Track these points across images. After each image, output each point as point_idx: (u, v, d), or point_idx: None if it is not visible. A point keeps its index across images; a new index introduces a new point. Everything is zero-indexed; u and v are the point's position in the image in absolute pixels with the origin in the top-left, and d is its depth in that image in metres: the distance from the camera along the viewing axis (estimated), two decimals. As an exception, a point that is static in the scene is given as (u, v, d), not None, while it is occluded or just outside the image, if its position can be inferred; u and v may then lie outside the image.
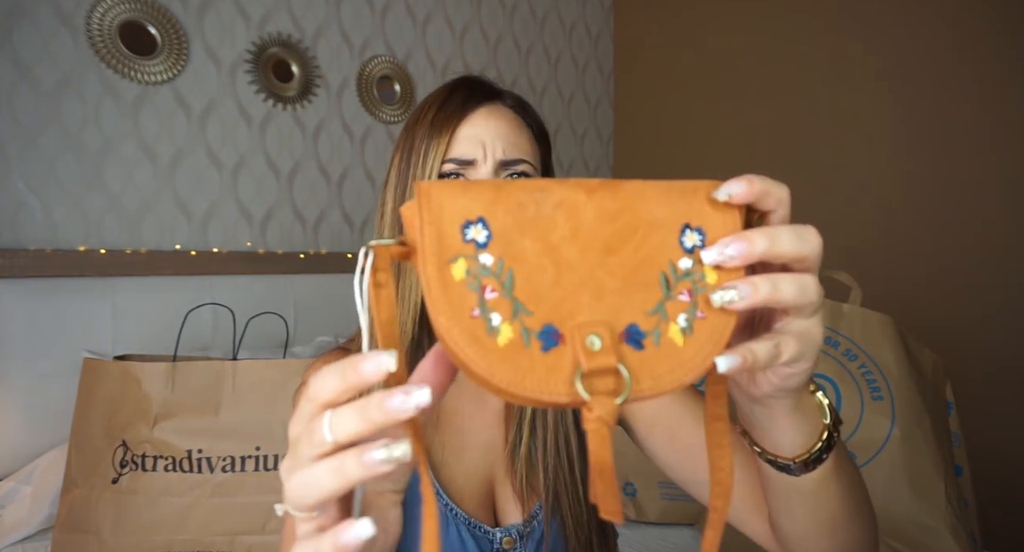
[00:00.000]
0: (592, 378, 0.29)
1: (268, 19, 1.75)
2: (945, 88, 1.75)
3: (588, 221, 0.31)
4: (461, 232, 0.30)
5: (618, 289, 0.31)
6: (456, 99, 0.59)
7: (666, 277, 0.32)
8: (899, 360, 1.21)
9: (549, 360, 0.29)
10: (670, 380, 0.30)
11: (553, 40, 2.44)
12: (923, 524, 1.10)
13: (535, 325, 0.30)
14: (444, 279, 0.30)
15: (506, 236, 0.31)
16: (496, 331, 0.29)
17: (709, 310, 0.31)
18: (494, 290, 0.30)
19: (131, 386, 1.15)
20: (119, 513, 1.11)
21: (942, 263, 1.76)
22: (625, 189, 0.32)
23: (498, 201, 0.31)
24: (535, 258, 0.31)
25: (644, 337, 0.31)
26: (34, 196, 1.40)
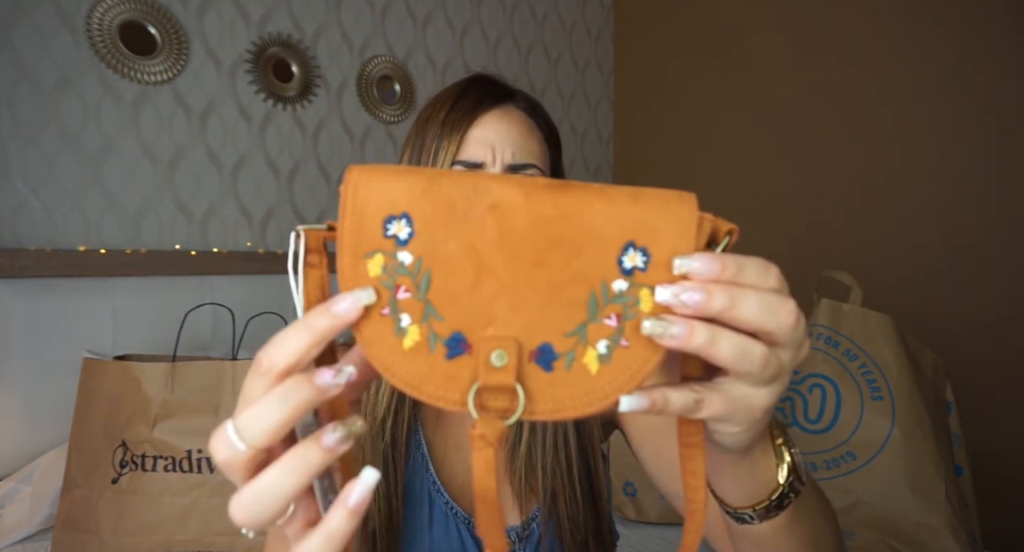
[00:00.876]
0: (486, 394, 0.28)
1: (268, 19, 1.74)
2: (948, 88, 1.75)
3: (520, 227, 0.29)
4: (383, 226, 0.29)
5: (540, 304, 0.29)
6: (469, 99, 0.59)
7: (595, 297, 0.29)
8: (899, 360, 1.21)
9: (451, 368, 0.29)
10: (572, 407, 0.29)
11: (553, 40, 2.44)
12: (923, 524, 1.10)
13: (444, 331, 0.29)
14: (358, 273, 0.29)
15: (429, 235, 0.29)
16: (404, 332, 0.29)
17: (635, 339, 0.29)
18: (408, 290, 0.29)
19: (131, 386, 1.15)
20: (119, 513, 1.11)
21: (943, 263, 1.76)
22: (571, 195, 0.29)
23: (428, 196, 0.29)
24: (456, 262, 0.29)
25: (556, 359, 0.29)
26: (34, 196, 1.40)
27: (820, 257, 1.92)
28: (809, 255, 2.01)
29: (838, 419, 1.20)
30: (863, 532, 1.13)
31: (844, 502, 1.15)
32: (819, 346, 1.26)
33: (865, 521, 1.13)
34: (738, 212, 2.23)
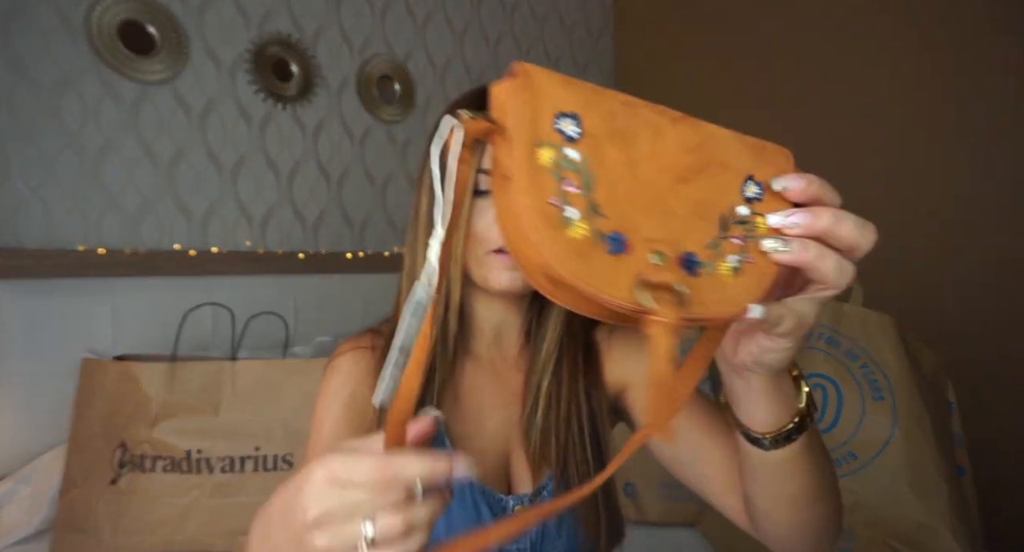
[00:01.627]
0: (653, 290, 0.31)
1: (268, 19, 1.74)
2: (951, 87, 1.75)
3: (669, 146, 0.34)
4: (554, 120, 0.31)
5: (683, 216, 0.33)
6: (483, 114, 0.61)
7: (724, 218, 0.34)
8: (900, 360, 1.21)
9: (614, 263, 0.31)
10: (717, 310, 0.32)
11: (553, 40, 2.43)
12: (924, 524, 1.10)
13: (606, 228, 0.31)
14: (531, 161, 0.30)
15: (595, 138, 0.31)
16: (569, 223, 0.30)
17: (757, 256, 0.34)
18: (575, 186, 0.31)
19: (130, 386, 1.15)
20: (118, 513, 1.10)
21: (943, 263, 1.76)
22: (705, 128, 0.35)
23: (593, 104, 0.32)
24: (617, 167, 0.32)
25: (700, 267, 0.33)
26: (34, 196, 1.40)
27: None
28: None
29: (839, 419, 1.20)
30: (864, 532, 1.13)
31: (845, 502, 1.14)
32: (820, 346, 1.26)
33: (866, 521, 1.13)
34: (738, 212, 2.23)
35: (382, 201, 1.98)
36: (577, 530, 0.66)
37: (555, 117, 0.31)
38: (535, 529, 0.64)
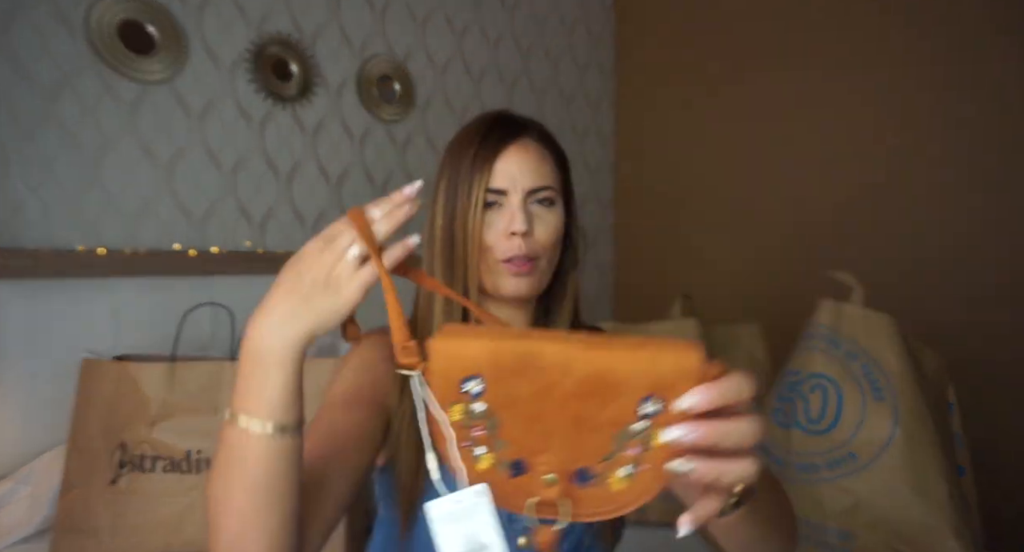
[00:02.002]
0: (543, 506, 0.40)
1: (267, 18, 1.74)
2: (949, 89, 1.75)
3: (568, 383, 0.38)
4: (460, 385, 0.40)
5: (580, 439, 0.39)
6: (492, 138, 0.72)
7: (621, 434, 0.39)
8: (901, 360, 1.21)
9: (514, 484, 0.40)
10: (605, 512, 0.40)
11: (553, 40, 2.43)
12: (925, 524, 1.10)
13: (509, 457, 0.40)
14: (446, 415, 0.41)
15: (497, 388, 0.39)
16: (478, 458, 0.41)
17: (650, 466, 0.39)
18: (481, 428, 0.40)
19: (130, 386, 1.15)
20: (118, 514, 1.10)
21: (944, 263, 1.76)
22: (602, 353, 0.38)
23: (494, 359, 0.39)
24: (519, 404, 0.39)
25: (591, 479, 0.40)
26: (32, 196, 1.40)
27: (821, 257, 1.91)
28: (810, 256, 2.01)
29: (840, 420, 1.19)
30: (865, 533, 1.13)
31: (846, 503, 1.14)
32: (820, 347, 1.26)
33: (867, 522, 1.13)
34: (739, 212, 2.23)
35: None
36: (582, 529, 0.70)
37: (461, 382, 0.40)
38: None
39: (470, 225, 0.69)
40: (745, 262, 2.20)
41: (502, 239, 0.70)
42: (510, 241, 0.69)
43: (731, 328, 1.74)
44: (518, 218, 0.69)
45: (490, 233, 0.70)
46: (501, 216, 0.71)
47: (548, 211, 0.73)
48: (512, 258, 0.69)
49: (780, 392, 1.30)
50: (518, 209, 0.70)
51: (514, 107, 2.09)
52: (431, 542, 0.66)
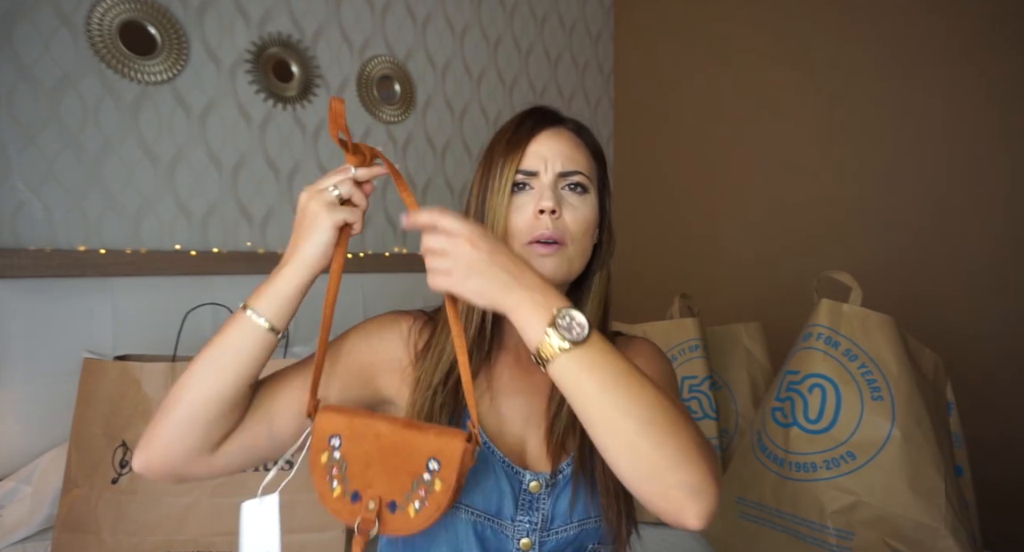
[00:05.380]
0: (363, 522, 0.60)
1: (268, 19, 1.75)
2: (948, 90, 1.75)
3: (385, 445, 0.61)
4: (329, 442, 0.62)
5: (391, 480, 0.60)
6: (527, 124, 0.74)
7: (416, 480, 0.60)
8: (899, 360, 1.21)
9: (353, 507, 0.61)
10: (405, 529, 0.60)
11: (553, 40, 2.44)
12: (923, 524, 1.10)
13: (350, 489, 0.61)
14: (317, 461, 0.63)
15: (348, 444, 0.62)
16: (333, 489, 0.62)
17: (431, 501, 0.59)
18: (337, 469, 0.62)
19: (131, 386, 1.15)
20: (119, 513, 1.11)
21: (943, 263, 1.76)
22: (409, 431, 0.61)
23: (350, 428, 0.62)
24: (359, 455, 0.61)
25: (397, 508, 0.60)
26: (34, 196, 1.40)
27: (820, 258, 1.92)
28: (809, 256, 2.01)
29: (838, 419, 1.20)
30: (863, 532, 1.13)
31: (844, 502, 1.15)
32: (819, 346, 1.26)
33: (865, 521, 1.13)
34: (739, 212, 2.23)
35: (382, 201, 1.98)
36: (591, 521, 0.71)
37: (329, 438, 0.63)
38: (548, 507, 0.70)
39: (498, 206, 0.70)
40: (745, 262, 2.20)
41: (530, 219, 0.69)
42: (538, 221, 0.69)
43: (731, 328, 1.74)
44: (546, 195, 0.69)
45: (518, 215, 0.70)
46: (531, 198, 0.70)
47: (580, 198, 0.72)
48: (539, 237, 0.68)
49: (779, 392, 1.31)
50: (547, 188, 0.70)
51: (514, 107, 2.11)
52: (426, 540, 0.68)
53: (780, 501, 1.22)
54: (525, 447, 0.73)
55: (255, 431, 0.66)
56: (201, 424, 0.61)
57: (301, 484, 1.15)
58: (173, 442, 0.61)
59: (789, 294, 1.86)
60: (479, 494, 0.68)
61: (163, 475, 0.63)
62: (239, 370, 0.62)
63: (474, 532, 0.67)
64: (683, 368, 1.60)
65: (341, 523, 1.15)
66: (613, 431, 0.56)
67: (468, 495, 0.67)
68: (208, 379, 0.61)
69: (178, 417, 0.61)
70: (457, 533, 0.67)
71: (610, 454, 0.56)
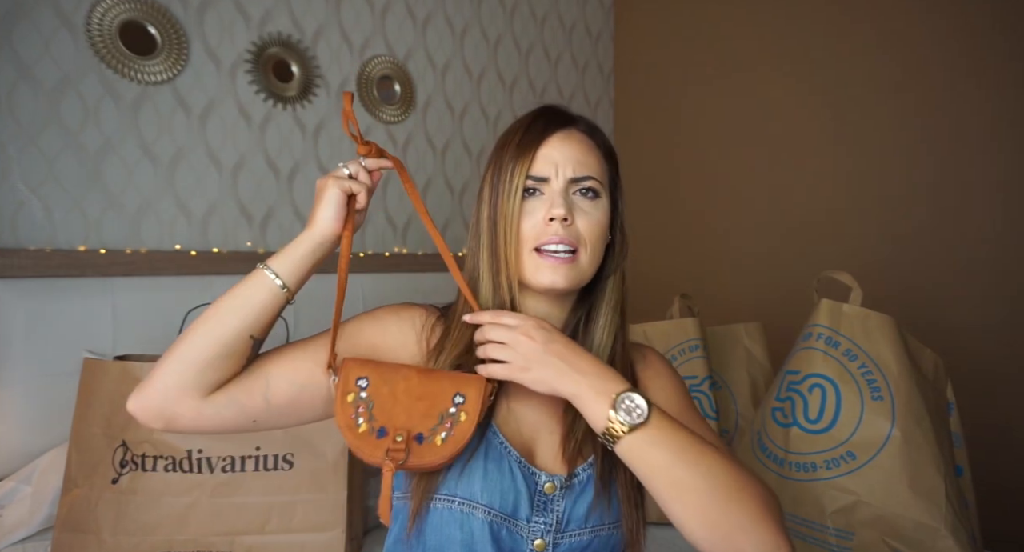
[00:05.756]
0: (392, 452, 0.64)
1: (268, 19, 1.75)
2: (947, 90, 1.75)
3: (413, 385, 0.67)
4: (356, 383, 0.67)
5: (419, 416, 0.66)
6: (538, 126, 0.73)
7: (442, 414, 0.66)
8: (899, 360, 1.21)
9: (377, 442, 0.65)
10: (431, 461, 0.65)
11: (553, 40, 2.44)
12: (923, 524, 1.10)
13: (376, 425, 0.66)
14: (343, 400, 0.67)
15: (375, 386, 0.67)
16: (359, 425, 0.66)
17: (457, 431, 0.66)
18: (363, 407, 0.67)
19: (131, 386, 1.14)
20: (119, 513, 1.11)
21: (943, 263, 1.76)
22: (434, 375, 0.69)
23: (376, 372, 0.68)
24: (386, 396, 0.67)
25: (424, 439, 0.65)
26: (34, 196, 1.40)
27: (820, 258, 1.92)
28: (809, 255, 2.01)
29: (838, 419, 1.20)
30: (863, 532, 1.13)
31: (844, 502, 1.15)
32: (819, 346, 1.26)
33: (865, 521, 1.13)
34: (739, 212, 2.23)
35: (382, 201, 1.98)
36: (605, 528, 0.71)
37: (356, 380, 0.67)
38: (563, 510, 0.70)
39: (509, 212, 0.69)
40: (745, 262, 2.20)
41: (541, 225, 0.69)
42: (548, 227, 0.69)
43: (731, 328, 1.74)
44: (557, 202, 0.69)
45: (529, 221, 0.70)
46: (542, 204, 0.70)
47: (591, 203, 0.71)
48: (550, 244, 0.69)
49: (779, 392, 1.31)
50: (558, 194, 0.69)
51: (514, 107, 2.11)
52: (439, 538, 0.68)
53: (780, 501, 1.22)
54: (542, 450, 0.73)
55: (251, 388, 0.68)
56: (199, 362, 0.65)
57: (301, 484, 1.16)
58: (171, 375, 0.65)
59: (789, 294, 1.86)
60: (496, 494, 0.68)
61: (154, 413, 0.66)
62: (245, 316, 0.66)
63: (490, 532, 0.67)
64: (683, 368, 1.60)
65: (341, 522, 1.15)
66: (682, 502, 0.60)
67: (485, 495, 0.68)
68: (213, 320, 0.66)
69: (177, 353, 0.65)
70: (473, 533, 0.67)
71: (682, 522, 0.61)
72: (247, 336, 0.66)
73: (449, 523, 0.67)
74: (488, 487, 0.68)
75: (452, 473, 0.68)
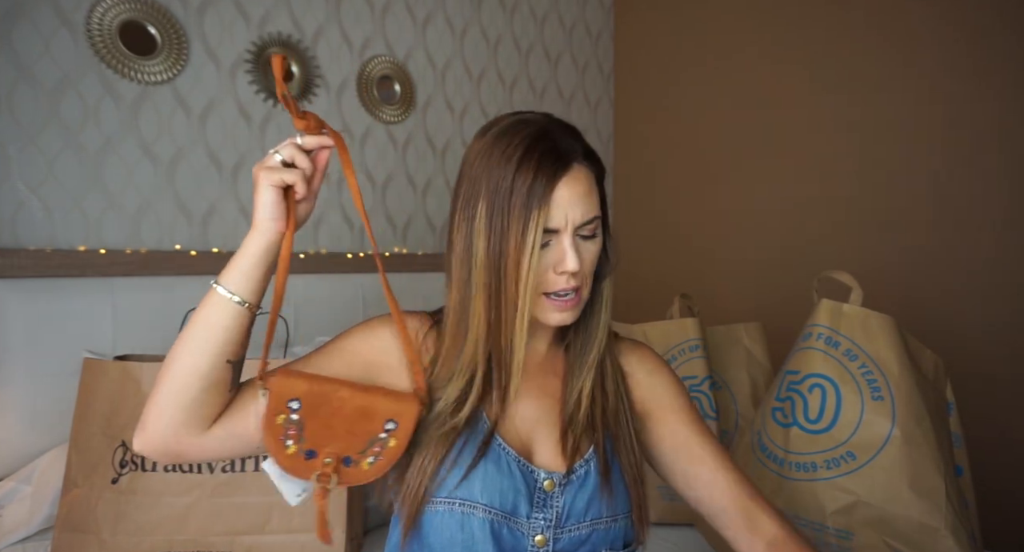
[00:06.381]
0: (321, 476, 0.65)
1: (268, 19, 1.75)
2: (947, 90, 1.75)
3: (346, 407, 0.67)
4: (287, 405, 0.66)
5: (350, 438, 0.66)
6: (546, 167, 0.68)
7: (372, 439, 0.67)
8: (900, 360, 1.21)
9: (308, 463, 0.66)
10: (358, 480, 0.67)
11: (553, 40, 2.44)
12: (923, 524, 1.10)
13: (305, 448, 0.66)
14: (272, 421, 0.66)
15: (307, 408, 0.66)
16: (287, 447, 0.66)
17: (385, 455, 0.67)
18: (293, 429, 0.66)
19: (131, 386, 1.15)
20: (119, 513, 1.11)
21: (943, 263, 1.76)
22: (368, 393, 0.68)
23: (310, 392, 0.66)
24: (317, 419, 0.66)
25: (352, 463, 0.67)
26: (34, 196, 1.40)
27: (820, 258, 1.92)
28: (809, 256, 2.01)
29: (838, 419, 1.20)
30: (863, 532, 1.13)
31: (844, 502, 1.15)
32: (819, 346, 1.26)
33: (865, 521, 1.13)
34: (739, 212, 2.23)
35: (382, 201, 1.98)
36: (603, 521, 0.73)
37: (288, 401, 0.66)
38: (562, 505, 0.71)
39: (525, 265, 0.67)
40: (744, 262, 2.20)
41: (549, 274, 0.70)
42: (559, 277, 0.69)
43: (731, 328, 1.74)
44: (570, 258, 0.68)
45: (539, 269, 0.69)
46: (550, 253, 0.69)
47: (592, 241, 0.72)
48: (559, 291, 0.70)
49: (779, 392, 1.31)
50: (569, 248, 0.68)
51: (513, 107, 2.11)
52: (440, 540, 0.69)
53: (780, 501, 1.21)
54: (540, 448, 0.75)
55: (245, 419, 0.68)
56: (185, 401, 0.64)
57: (301, 484, 1.15)
58: (162, 418, 0.64)
59: (789, 294, 1.86)
60: (496, 494, 0.69)
61: (160, 453, 0.66)
62: (214, 344, 0.64)
63: (490, 531, 0.68)
64: (683, 368, 1.60)
65: (341, 522, 1.15)
66: None
67: (485, 495, 0.69)
68: (187, 356, 0.64)
69: (163, 394, 0.64)
70: (473, 533, 0.68)
71: None
72: (223, 363, 0.65)
73: (449, 525, 0.68)
74: (488, 487, 0.69)
75: (452, 478, 0.69)
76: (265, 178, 0.64)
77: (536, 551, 0.70)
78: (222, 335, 0.64)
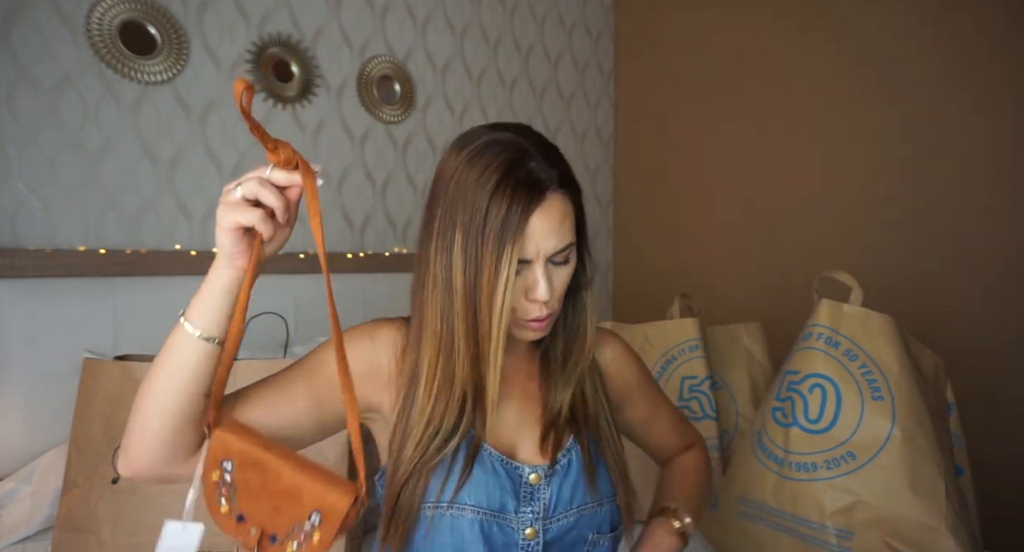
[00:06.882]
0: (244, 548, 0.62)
1: (268, 19, 1.75)
2: (947, 90, 1.75)
3: (279, 482, 0.61)
4: (221, 464, 0.62)
5: (277, 516, 0.61)
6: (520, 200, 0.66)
7: (296, 525, 0.61)
8: (900, 360, 1.21)
9: (239, 526, 0.63)
10: None
11: (553, 40, 2.44)
12: (923, 524, 1.10)
13: (236, 511, 0.63)
14: (208, 476, 0.62)
15: (240, 471, 0.62)
16: (221, 505, 0.63)
17: (307, 548, 0.61)
18: (226, 489, 0.63)
19: (131, 386, 1.15)
20: (119, 513, 1.11)
21: (943, 263, 1.76)
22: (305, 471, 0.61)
23: (244, 455, 0.62)
24: (249, 483, 0.62)
25: (277, 541, 0.62)
26: (34, 196, 1.40)
27: (820, 258, 1.92)
28: (809, 256, 2.01)
29: (838, 419, 1.20)
30: (863, 532, 1.13)
31: (844, 502, 1.15)
32: (819, 346, 1.26)
33: (865, 521, 1.13)
34: (739, 212, 2.23)
35: (382, 201, 1.98)
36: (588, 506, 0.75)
37: (221, 461, 0.62)
38: (549, 496, 0.74)
39: (499, 296, 0.66)
40: (745, 262, 2.20)
41: (522, 301, 0.70)
42: (530, 305, 0.70)
43: (731, 328, 1.74)
44: (542, 288, 0.68)
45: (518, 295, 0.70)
46: (521, 280, 0.69)
47: (564, 266, 0.71)
48: (532, 318, 0.71)
49: (779, 392, 1.31)
50: (541, 277, 0.68)
51: (514, 107, 2.11)
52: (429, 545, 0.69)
53: (780, 501, 1.21)
54: (523, 446, 0.77)
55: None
56: (166, 437, 0.62)
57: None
58: (143, 453, 0.63)
59: (789, 294, 1.86)
60: (483, 494, 0.71)
61: (148, 480, 0.67)
62: (187, 381, 0.61)
63: (480, 531, 0.70)
64: (683, 368, 1.60)
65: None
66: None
67: (472, 496, 0.70)
68: (162, 394, 0.61)
69: (139, 430, 0.63)
70: (463, 534, 0.70)
71: None
72: (199, 397, 0.62)
73: (439, 529, 0.69)
74: (475, 490, 0.70)
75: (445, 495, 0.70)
76: (221, 218, 0.59)
77: (527, 543, 0.72)
78: (195, 372, 0.61)
